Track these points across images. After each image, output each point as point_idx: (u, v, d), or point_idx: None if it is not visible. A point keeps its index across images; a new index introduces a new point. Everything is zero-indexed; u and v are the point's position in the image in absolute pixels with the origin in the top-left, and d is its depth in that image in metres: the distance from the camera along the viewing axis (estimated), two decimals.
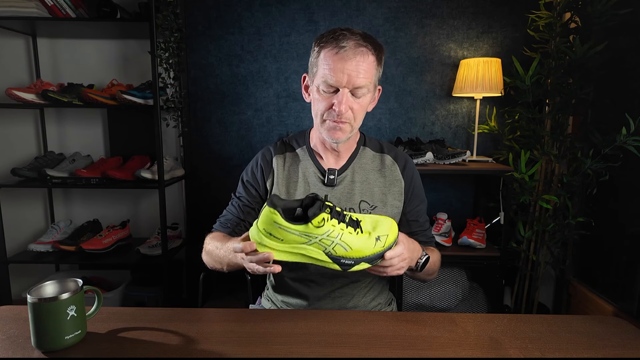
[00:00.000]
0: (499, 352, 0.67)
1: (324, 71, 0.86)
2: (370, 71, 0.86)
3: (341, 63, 0.84)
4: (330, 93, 0.87)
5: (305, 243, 0.67)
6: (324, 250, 0.68)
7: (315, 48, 0.90)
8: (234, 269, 0.88)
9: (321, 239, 0.66)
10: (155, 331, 0.72)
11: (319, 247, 0.67)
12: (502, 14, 2.00)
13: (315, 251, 0.68)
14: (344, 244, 0.67)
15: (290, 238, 0.66)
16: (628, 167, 1.57)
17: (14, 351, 0.65)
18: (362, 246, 0.68)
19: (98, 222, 2.08)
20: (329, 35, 0.87)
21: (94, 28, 1.88)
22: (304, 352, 0.66)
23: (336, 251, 0.68)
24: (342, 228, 0.68)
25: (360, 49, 0.84)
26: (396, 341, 0.70)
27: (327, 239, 0.66)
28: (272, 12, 2.04)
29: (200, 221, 2.17)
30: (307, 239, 0.66)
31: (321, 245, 0.67)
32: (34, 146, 2.13)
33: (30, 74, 2.08)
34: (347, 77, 0.84)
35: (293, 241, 0.67)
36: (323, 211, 0.65)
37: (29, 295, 0.64)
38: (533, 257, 1.82)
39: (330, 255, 0.68)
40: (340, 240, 0.67)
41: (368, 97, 0.90)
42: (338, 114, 0.86)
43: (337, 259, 0.69)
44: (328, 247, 0.67)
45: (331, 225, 0.66)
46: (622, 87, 1.66)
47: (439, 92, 2.07)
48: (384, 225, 0.72)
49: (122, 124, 2.10)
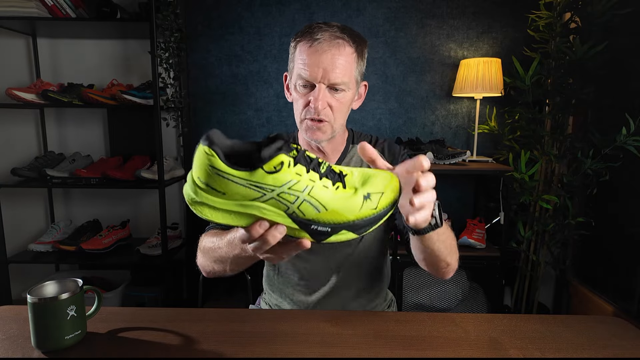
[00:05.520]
0: (499, 352, 0.67)
1: (298, 66, 0.80)
2: (348, 65, 0.80)
3: (315, 56, 0.78)
4: (307, 89, 0.81)
5: (258, 199, 0.46)
6: (286, 210, 0.48)
7: (292, 44, 0.84)
8: (240, 268, 0.73)
9: (280, 193, 0.46)
10: (155, 331, 0.72)
11: (278, 206, 0.47)
12: (502, 14, 2.00)
13: (273, 212, 0.48)
14: (314, 202, 0.47)
15: (236, 191, 0.46)
16: (628, 167, 1.57)
17: (14, 351, 0.65)
18: (343, 206, 0.48)
19: (98, 222, 2.08)
20: (305, 30, 0.81)
21: (94, 28, 1.88)
22: (304, 352, 0.66)
23: (303, 212, 0.48)
24: (313, 179, 0.47)
25: (336, 41, 0.78)
26: (396, 341, 0.70)
27: (289, 193, 0.46)
28: (272, 12, 2.04)
29: (200, 221, 2.17)
30: (259, 192, 0.46)
31: (281, 202, 0.47)
32: (34, 146, 2.13)
33: (30, 74, 2.08)
34: (322, 71, 0.78)
35: (240, 196, 0.46)
36: (284, 153, 0.45)
37: (29, 295, 0.64)
38: (533, 257, 1.82)
39: (296, 218, 0.48)
40: (309, 196, 0.47)
41: (349, 94, 0.83)
42: (315, 111, 0.80)
43: (305, 224, 0.49)
44: (291, 205, 0.47)
45: (295, 174, 0.46)
46: (622, 87, 1.66)
47: (439, 92, 2.07)
48: (378, 179, 0.52)
49: (122, 124, 2.10)
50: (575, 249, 1.94)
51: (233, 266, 0.72)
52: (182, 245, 2.09)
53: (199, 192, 0.47)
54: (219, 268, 0.75)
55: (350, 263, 0.93)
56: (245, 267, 0.72)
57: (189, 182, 0.48)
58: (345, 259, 0.93)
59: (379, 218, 0.51)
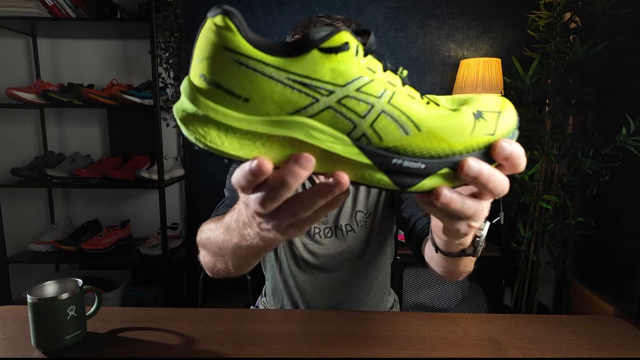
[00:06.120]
0: (499, 352, 0.67)
1: None
2: None
3: None
4: None
5: (305, 108, 0.27)
6: (351, 131, 0.28)
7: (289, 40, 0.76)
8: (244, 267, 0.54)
9: (343, 98, 0.27)
10: (155, 331, 0.72)
11: (338, 122, 0.28)
12: (502, 14, 2.00)
13: (328, 134, 0.28)
14: (398, 116, 0.28)
15: (269, 93, 0.27)
16: (628, 167, 1.57)
17: (14, 351, 0.65)
18: (445, 127, 0.29)
19: (98, 222, 2.07)
20: (305, 24, 0.73)
21: (94, 28, 1.88)
22: (304, 352, 0.66)
23: (380, 134, 0.28)
24: (393, 82, 0.29)
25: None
26: (396, 341, 0.70)
27: (358, 98, 0.27)
28: (272, 12, 2.04)
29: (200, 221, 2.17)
30: (308, 95, 0.27)
31: (343, 116, 0.28)
32: (34, 146, 2.13)
33: (30, 74, 2.08)
34: None
35: (275, 103, 0.27)
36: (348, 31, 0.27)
37: (29, 295, 0.64)
38: (533, 257, 1.82)
39: (366, 147, 0.28)
40: (390, 106, 0.28)
41: None
42: None
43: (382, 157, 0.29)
44: (360, 121, 0.28)
45: (367, 69, 0.28)
46: (622, 87, 1.66)
47: (439, 92, 2.07)
48: (483, 98, 0.33)
49: (122, 124, 2.10)
50: (575, 249, 1.94)
51: (235, 262, 0.52)
52: (182, 245, 2.09)
53: (200, 100, 0.27)
54: (221, 265, 0.56)
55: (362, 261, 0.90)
56: (250, 267, 0.54)
57: (184, 88, 0.28)
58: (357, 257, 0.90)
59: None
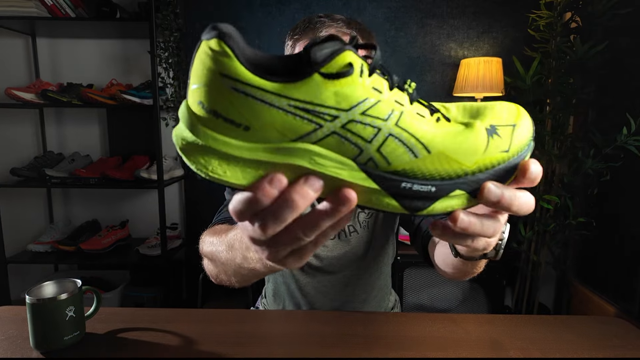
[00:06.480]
0: (499, 353, 0.66)
1: None
2: None
3: None
4: None
5: (309, 135, 0.26)
6: (357, 156, 0.27)
7: (288, 42, 0.75)
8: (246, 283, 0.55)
9: (348, 123, 0.26)
10: (154, 332, 0.71)
11: (343, 148, 0.26)
12: (502, 14, 2.00)
13: (333, 159, 0.26)
14: (406, 138, 0.27)
15: (270, 120, 0.25)
16: (629, 167, 1.57)
17: (12, 352, 0.65)
18: (456, 146, 0.28)
19: (97, 222, 2.07)
20: (304, 25, 0.71)
21: (94, 28, 1.88)
22: (304, 352, 0.66)
23: (388, 158, 0.27)
24: (401, 101, 0.27)
25: (343, 37, 0.71)
26: (396, 341, 0.69)
27: (364, 122, 0.26)
28: (272, 12, 2.04)
29: (200, 222, 2.17)
30: (311, 122, 0.25)
31: (348, 141, 0.26)
32: (33, 146, 2.13)
33: (29, 74, 2.07)
34: None
35: (276, 131, 0.25)
36: (352, 50, 0.25)
37: (28, 295, 0.64)
38: (534, 258, 1.82)
39: (373, 172, 0.27)
40: (397, 128, 0.27)
41: None
42: None
43: (390, 181, 0.27)
44: (366, 145, 0.26)
45: (372, 90, 0.26)
46: (622, 87, 1.66)
47: (439, 92, 2.07)
48: (497, 109, 0.31)
49: (121, 123, 2.10)
50: (576, 249, 1.94)
51: (238, 279, 0.53)
52: (182, 245, 2.09)
53: (200, 129, 0.25)
54: (224, 278, 0.57)
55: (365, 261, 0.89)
56: (254, 281, 0.54)
57: (182, 115, 0.26)
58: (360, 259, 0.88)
59: (512, 169, 0.30)
